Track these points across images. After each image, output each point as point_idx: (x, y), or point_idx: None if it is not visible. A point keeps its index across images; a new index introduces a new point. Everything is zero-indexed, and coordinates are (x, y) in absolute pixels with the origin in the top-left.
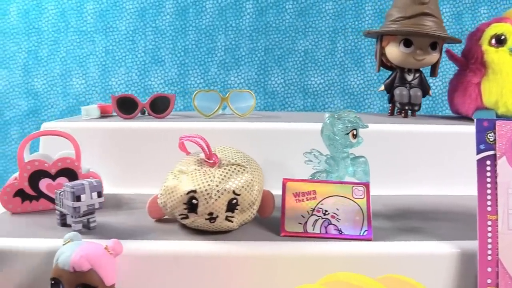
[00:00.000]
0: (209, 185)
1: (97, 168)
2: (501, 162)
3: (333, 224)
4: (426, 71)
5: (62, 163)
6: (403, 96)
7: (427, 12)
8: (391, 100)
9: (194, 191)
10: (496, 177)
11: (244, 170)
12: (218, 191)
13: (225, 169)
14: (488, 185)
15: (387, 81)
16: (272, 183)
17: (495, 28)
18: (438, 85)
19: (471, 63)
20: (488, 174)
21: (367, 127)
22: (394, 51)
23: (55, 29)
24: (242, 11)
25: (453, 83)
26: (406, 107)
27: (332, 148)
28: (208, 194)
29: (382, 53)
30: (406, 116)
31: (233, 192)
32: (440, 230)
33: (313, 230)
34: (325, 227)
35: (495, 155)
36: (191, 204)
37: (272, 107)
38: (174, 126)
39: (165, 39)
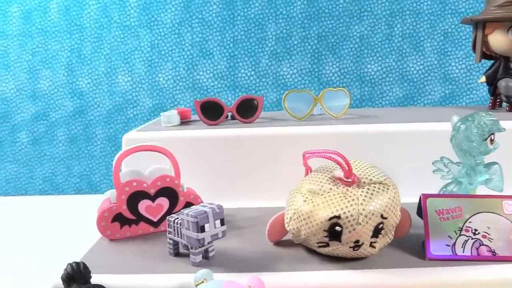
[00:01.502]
0: (354, 209)
1: (188, 181)
2: None
3: (485, 245)
4: None
5: (161, 182)
6: (510, 88)
7: None
8: (494, 92)
9: (338, 217)
10: None
11: (387, 188)
12: (365, 216)
13: (368, 189)
14: None
15: (489, 71)
16: None
17: None
18: None
19: None
20: None
21: (504, 130)
22: (500, 39)
23: (97, 25)
24: None
25: None
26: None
27: (466, 156)
28: (354, 219)
29: (484, 42)
30: (511, 109)
31: (381, 216)
32: None
33: (463, 252)
34: (477, 248)
35: None
36: (333, 231)
37: None
38: (266, 132)
39: (212, 31)
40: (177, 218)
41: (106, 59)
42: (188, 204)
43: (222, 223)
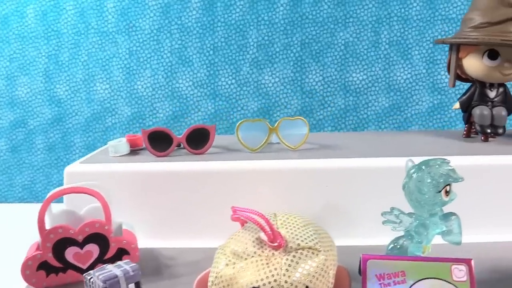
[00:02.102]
0: (275, 280)
1: (130, 218)
2: None
3: None
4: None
5: (90, 228)
6: (484, 117)
7: None
8: (468, 119)
9: None
10: None
11: (316, 255)
12: None
13: (294, 255)
14: None
15: (464, 97)
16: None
17: None
18: None
19: None
20: None
21: (462, 180)
22: (475, 64)
23: (75, 31)
24: (275, 2)
25: None
26: (488, 130)
27: (418, 207)
28: None
29: (459, 65)
30: (487, 139)
31: (306, 287)
32: None
33: None
34: None
35: None
36: None
37: (310, 107)
38: (215, 167)
39: (192, 37)
40: (92, 277)
41: (83, 66)
42: (120, 251)
43: (138, 286)
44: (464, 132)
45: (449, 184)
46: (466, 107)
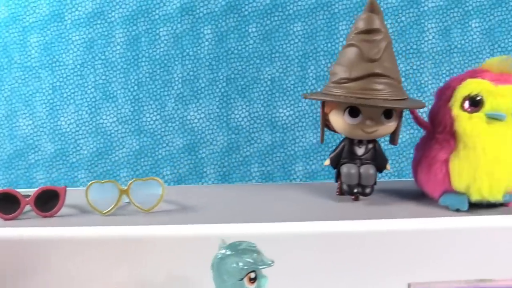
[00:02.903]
0: None
1: None
2: None
3: None
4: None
5: None
6: (351, 176)
7: (378, 73)
8: (339, 177)
9: None
10: None
11: None
12: None
13: None
14: None
15: (333, 154)
16: None
17: (469, 86)
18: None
19: (438, 131)
20: None
21: (271, 264)
22: (337, 121)
23: None
24: (200, 37)
25: (418, 152)
26: (355, 190)
27: None
28: None
29: (326, 120)
30: (357, 199)
31: None
32: None
33: None
34: None
35: None
36: None
37: (237, 144)
38: (57, 234)
39: (116, 72)
40: None
41: (6, 101)
42: None
43: None
44: (338, 190)
45: (254, 271)
46: (336, 164)
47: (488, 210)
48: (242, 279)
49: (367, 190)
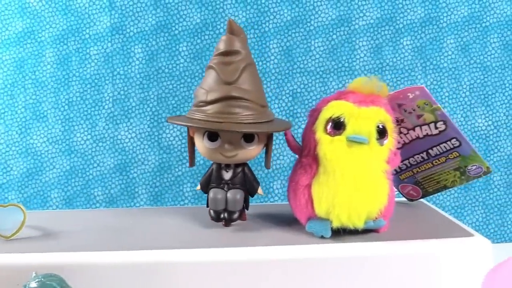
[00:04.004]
0: None
1: None
2: None
3: None
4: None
5: None
6: (217, 201)
7: (234, 96)
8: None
9: None
10: None
11: None
12: None
13: None
14: None
15: (203, 178)
16: None
17: (332, 109)
18: None
19: (303, 155)
20: None
21: None
22: (199, 144)
23: None
24: (131, 56)
25: (290, 176)
26: (222, 215)
27: None
28: None
29: (193, 144)
30: (227, 224)
31: None
32: None
33: None
34: None
35: None
36: None
37: (168, 163)
38: None
39: (46, 92)
40: None
41: None
42: None
43: None
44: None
45: None
46: (206, 189)
47: (356, 236)
48: None
49: (234, 216)
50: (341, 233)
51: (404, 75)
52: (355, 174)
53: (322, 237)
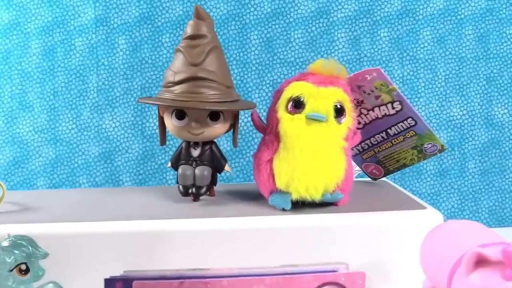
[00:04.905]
0: None
1: None
2: None
3: None
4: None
5: None
6: (186, 177)
7: (201, 76)
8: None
9: None
10: None
11: None
12: None
13: None
14: None
15: (173, 156)
16: None
17: (293, 89)
18: None
19: (267, 133)
20: None
21: (45, 256)
22: (168, 123)
23: None
24: (115, 47)
25: (255, 153)
26: (190, 190)
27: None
28: None
29: (163, 123)
30: (196, 199)
31: None
32: None
33: None
34: None
35: None
36: None
37: (152, 152)
38: None
39: (32, 82)
40: None
41: None
42: None
43: None
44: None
45: (24, 263)
46: (176, 166)
47: (315, 209)
48: (11, 270)
49: (202, 191)
50: (300, 205)
51: (382, 66)
52: (313, 150)
53: (283, 209)
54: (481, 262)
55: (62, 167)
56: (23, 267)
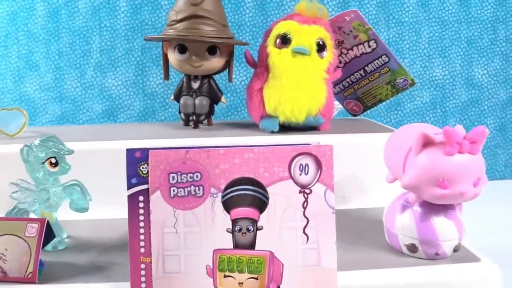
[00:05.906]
0: None
1: None
2: (155, 198)
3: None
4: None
5: None
6: (187, 106)
7: (200, 15)
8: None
9: None
10: (149, 215)
11: None
12: None
13: None
14: (141, 224)
15: (176, 90)
16: None
17: (280, 27)
18: None
19: (258, 67)
20: (141, 211)
21: (71, 152)
22: (172, 58)
23: None
24: (116, 10)
25: (247, 85)
26: (191, 118)
27: (34, 178)
28: None
29: (167, 60)
30: (196, 126)
31: None
32: None
33: None
34: None
35: (148, 189)
36: None
37: (152, 109)
38: None
39: (38, 43)
40: None
41: None
42: None
43: None
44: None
45: (54, 157)
46: (178, 98)
47: (300, 131)
48: (43, 163)
49: (201, 118)
50: (286, 129)
51: None
52: (298, 78)
53: (272, 131)
54: (427, 144)
55: (68, 123)
56: (53, 160)
